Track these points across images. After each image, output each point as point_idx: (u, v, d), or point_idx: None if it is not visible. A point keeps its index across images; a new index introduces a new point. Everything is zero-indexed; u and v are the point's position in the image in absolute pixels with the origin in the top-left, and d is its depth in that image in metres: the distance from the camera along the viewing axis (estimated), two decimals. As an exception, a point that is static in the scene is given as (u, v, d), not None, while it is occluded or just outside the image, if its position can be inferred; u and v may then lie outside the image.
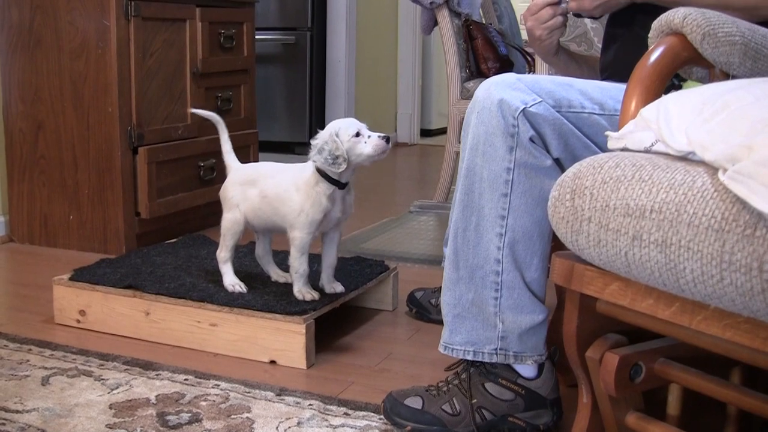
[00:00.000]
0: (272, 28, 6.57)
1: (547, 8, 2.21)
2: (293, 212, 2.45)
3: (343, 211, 2.49)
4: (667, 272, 1.31)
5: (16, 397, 2.17)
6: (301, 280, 2.51)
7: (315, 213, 2.43)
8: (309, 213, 2.43)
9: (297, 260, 2.49)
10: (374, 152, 2.38)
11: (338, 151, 2.36)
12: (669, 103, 1.48)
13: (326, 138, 2.39)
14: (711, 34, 1.60)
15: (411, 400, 2.00)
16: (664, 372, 1.60)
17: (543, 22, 2.20)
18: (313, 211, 2.43)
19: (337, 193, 2.44)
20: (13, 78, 3.73)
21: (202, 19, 3.89)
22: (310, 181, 2.43)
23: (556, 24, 2.19)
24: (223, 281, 2.61)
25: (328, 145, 2.37)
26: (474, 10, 4.60)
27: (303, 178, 2.45)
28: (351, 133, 2.38)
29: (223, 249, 2.62)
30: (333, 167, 2.37)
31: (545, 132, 1.85)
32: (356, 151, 2.38)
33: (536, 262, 1.90)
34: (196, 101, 3.89)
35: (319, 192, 2.42)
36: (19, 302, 3.02)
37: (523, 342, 1.92)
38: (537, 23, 2.21)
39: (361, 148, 2.38)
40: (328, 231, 2.54)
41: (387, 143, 2.39)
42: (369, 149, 2.38)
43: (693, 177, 1.30)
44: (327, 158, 2.37)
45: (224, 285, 2.60)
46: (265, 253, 2.72)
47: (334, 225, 2.52)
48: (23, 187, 3.79)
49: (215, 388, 2.23)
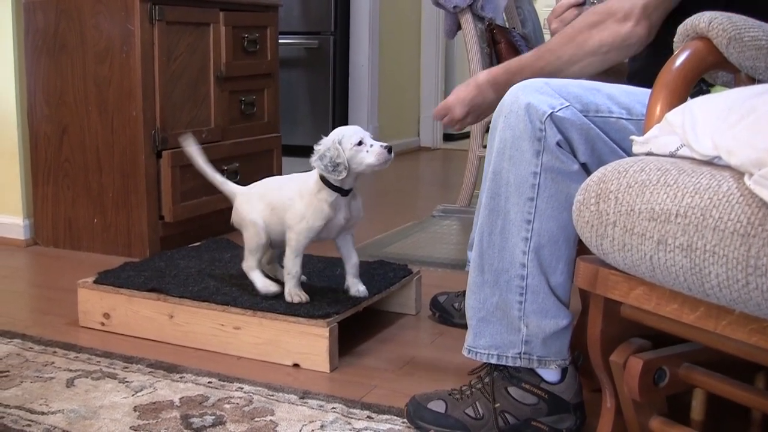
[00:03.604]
0: (296, 32, 6.58)
1: (572, 9, 2.21)
2: (295, 218, 2.47)
3: (348, 218, 2.49)
4: (692, 277, 1.30)
5: (42, 398, 2.18)
6: (292, 281, 2.52)
7: (315, 220, 2.45)
8: (309, 220, 2.45)
9: (291, 261, 2.51)
10: (376, 162, 2.38)
11: (339, 159, 2.37)
12: (694, 108, 1.47)
13: (329, 145, 2.40)
14: (737, 39, 1.59)
15: (434, 403, 2.00)
16: (688, 377, 1.60)
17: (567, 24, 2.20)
18: (313, 218, 2.45)
19: (341, 200, 2.45)
20: (38, 82, 3.76)
21: (225, 23, 3.90)
22: (313, 188, 2.45)
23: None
24: (257, 287, 2.58)
25: (330, 152, 2.38)
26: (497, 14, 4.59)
27: (307, 186, 2.47)
28: (354, 142, 2.38)
29: (248, 259, 2.61)
30: (333, 174, 2.38)
31: (572, 136, 1.84)
32: (358, 160, 2.38)
33: (561, 267, 1.89)
34: (220, 105, 3.91)
35: (321, 199, 2.43)
36: (44, 305, 3.04)
37: (547, 346, 1.92)
38: (561, 25, 2.21)
39: (362, 157, 2.38)
40: (337, 236, 2.55)
41: (389, 153, 2.39)
42: (371, 158, 2.38)
43: (718, 181, 1.30)
44: (327, 165, 2.38)
45: (258, 290, 2.57)
46: (269, 261, 2.73)
47: (339, 231, 2.52)
48: (48, 190, 3.81)
49: (239, 391, 2.24)
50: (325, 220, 2.45)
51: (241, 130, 4.08)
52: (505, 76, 2.14)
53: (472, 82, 2.20)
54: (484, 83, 2.17)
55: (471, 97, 2.19)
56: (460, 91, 2.21)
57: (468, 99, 2.19)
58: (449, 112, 2.22)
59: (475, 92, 2.18)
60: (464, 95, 2.20)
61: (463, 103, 2.19)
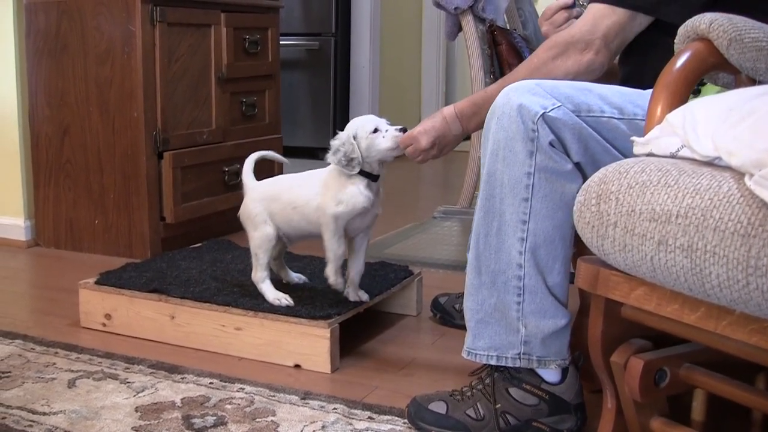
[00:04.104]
0: (297, 33, 6.59)
1: (562, 12, 2.22)
2: (329, 204, 2.41)
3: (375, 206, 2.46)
4: (693, 277, 1.31)
5: (43, 399, 2.19)
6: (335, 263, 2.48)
7: (353, 204, 2.41)
8: (347, 203, 2.41)
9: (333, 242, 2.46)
10: (393, 145, 2.35)
11: (354, 154, 2.36)
12: (695, 109, 1.48)
13: (344, 140, 2.39)
14: (737, 40, 1.60)
15: (435, 404, 2.01)
16: (689, 377, 1.60)
17: (558, 26, 2.22)
18: (351, 201, 2.40)
19: (372, 186, 2.43)
20: (40, 83, 3.76)
21: (227, 25, 3.90)
22: (341, 178, 2.42)
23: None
24: (267, 299, 2.54)
25: (344, 146, 2.37)
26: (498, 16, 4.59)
27: (332, 176, 2.44)
28: (369, 130, 2.37)
29: (258, 269, 2.56)
30: (347, 169, 2.38)
31: (565, 136, 1.85)
32: (375, 147, 2.37)
33: (558, 267, 1.90)
34: (221, 106, 3.91)
35: (354, 183, 2.40)
36: (45, 306, 3.05)
37: (546, 346, 1.92)
38: (552, 27, 2.23)
39: (378, 142, 2.37)
40: (356, 236, 2.52)
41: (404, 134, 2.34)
42: (387, 143, 2.35)
43: (719, 182, 1.30)
44: (341, 159, 2.37)
45: (269, 302, 2.54)
46: (277, 256, 2.71)
47: (364, 226, 2.50)
48: (49, 191, 3.82)
49: (240, 392, 2.24)
50: (362, 204, 2.41)
51: (243, 131, 4.08)
52: (471, 109, 2.18)
53: (438, 114, 2.22)
54: (450, 116, 2.20)
55: (437, 128, 2.21)
56: (427, 122, 2.23)
57: (434, 130, 2.21)
58: (414, 142, 2.24)
59: (441, 124, 2.20)
60: (430, 126, 2.22)
61: (428, 134, 2.21)
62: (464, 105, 2.20)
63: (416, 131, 2.23)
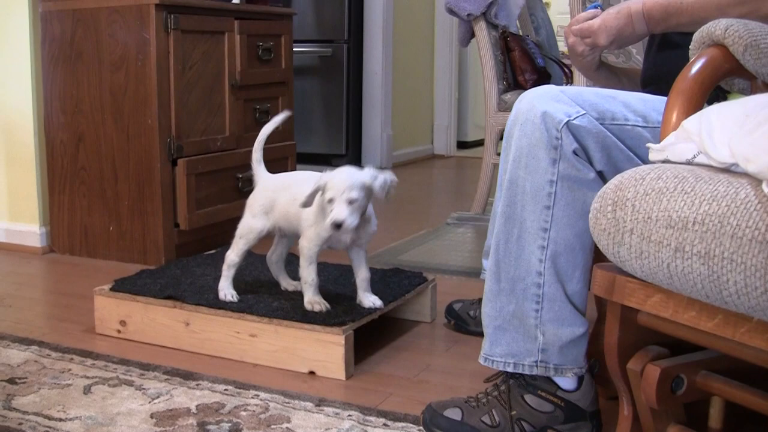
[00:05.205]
0: (310, 40, 6.60)
1: None
2: (308, 220, 2.50)
3: (354, 238, 2.51)
4: (710, 284, 1.30)
5: (59, 405, 2.19)
6: (311, 289, 2.54)
7: (322, 229, 2.46)
8: (317, 226, 2.48)
9: (305, 270, 2.53)
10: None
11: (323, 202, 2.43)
12: (711, 115, 1.47)
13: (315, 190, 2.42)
14: (753, 45, 1.59)
15: (450, 411, 2.00)
16: (706, 384, 1.60)
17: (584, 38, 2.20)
18: (320, 226, 2.47)
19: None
20: (55, 90, 3.78)
21: (240, 32, 3.91)
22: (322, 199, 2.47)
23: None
24: (219, 284, 2.66)
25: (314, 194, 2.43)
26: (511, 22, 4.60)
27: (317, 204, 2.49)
28: (326, 197, 2.40)
29: (234, 251, 2.67)
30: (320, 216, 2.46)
31: (588, 144, 1.84)
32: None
33: (578, 275, 1.89)
34: (235, 113, 3.92)
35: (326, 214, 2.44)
36: (60, 312, 3.05)
37: (563, 354, 1.91)
38: (579, 40, 2.20)
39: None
40: (350, 248, 2.56)
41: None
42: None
43: (736, 188, 1.30)
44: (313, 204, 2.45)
45: (217, 288, 2.66)
46: (278, 259, 2.77)
47: (349, 244, 2.54)
48: (64, 198, 3.83)
49: (255, 398, 2.24)
50: (329, 232, 2.45)
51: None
52: (660, 14, 2.02)
53: (624, 10, 2.06)
54: (637, 14, 2.04)
55: (620, 27, 2.07)
56: (609, 18, 2.08)
57: (617, 29, 2.07)
58: (593, 36, 2.11)
59: (625, 22, 2.06)
60: (614, 23, 2.07)
61: (609, 32, 2.08)
62: (653, 7, 2.02)
63: (596, 25, 2.09)
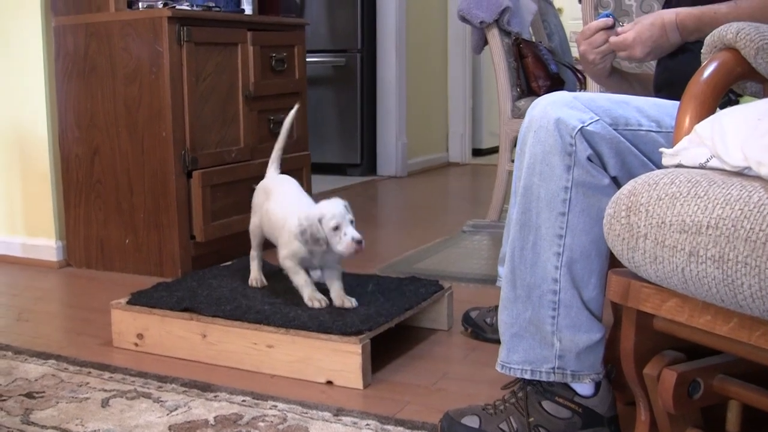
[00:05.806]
0: (323, 50, 6.62)
1: (601, 33, 2.20)
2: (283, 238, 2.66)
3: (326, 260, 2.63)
4: (725, 288, 1.30)
5: (77, 418, 2.20)
6: (307, 289, 2.65)
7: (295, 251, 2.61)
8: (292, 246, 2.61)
9: (294, 279, 2.67)
10: (345, 252, 2.51)
11: (319, 234, 2.50)
12: (723, 119, 1.47)
13: (311, 222, 2.51)
14: (765, 49, 1.59)
15: (468, 419, 2.00)
16: (723, 388, 1.59)
17: (596, 47, 2.20)
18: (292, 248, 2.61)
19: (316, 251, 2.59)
20: (69, 104, 3.80)
21: (253, 43, 3.92)
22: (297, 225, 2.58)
23: (610, 48, 2.19)
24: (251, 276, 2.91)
25: (311, 228, 2.51)
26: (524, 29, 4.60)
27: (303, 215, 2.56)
28: (331, 226, 2.50)
29: (252, 247, 2.93)
30: (315, 247, 2.53)
31: (603, 150, 1.84)
32: (332, 243, 2.52)
33: (594, 281, 1.89)
34: (249, 124, 3.93)
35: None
36: (77, 326, 3.06)
37: (580, 361, 1.91)
38: (590, 47, 2.21)
39: (335, 242, 2.51)
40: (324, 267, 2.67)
41: (359, 245, 2.50)
42: (341, 248, 2.51)
43: (749, 192, 1.30)
44: (308, 240, 2.52)
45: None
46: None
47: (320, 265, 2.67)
48: (80, 211, 3.84)
49: (273, 409, 2.25)
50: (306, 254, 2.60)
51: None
52: (694, 24, 2.06)
53: (657, 21, 2.10)
54: (670, 24, 2.08)
55: (655, 38, 2.10)
56: (643, 30, 2.11)
57: (652, 40, 2.10)
58: (629, 50, 2.14)
59: (659, 33, 2.09)
60: (648, 35, 2.10)
61: (645, 44, 2.11)
62: (687, 17, 2.07)
63: (631, 38, 2.12)
